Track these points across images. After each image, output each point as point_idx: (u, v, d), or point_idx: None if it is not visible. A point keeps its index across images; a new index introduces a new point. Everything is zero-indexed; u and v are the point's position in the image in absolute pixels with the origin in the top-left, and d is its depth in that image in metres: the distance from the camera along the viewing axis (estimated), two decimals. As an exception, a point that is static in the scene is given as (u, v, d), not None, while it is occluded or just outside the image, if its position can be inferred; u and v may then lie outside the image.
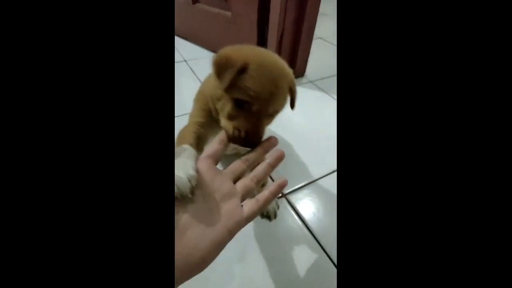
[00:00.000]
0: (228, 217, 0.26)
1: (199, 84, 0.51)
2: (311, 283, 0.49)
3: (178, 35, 1.42)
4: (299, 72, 1.13)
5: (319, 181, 0.69)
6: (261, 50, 0.38)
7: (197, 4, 1.21)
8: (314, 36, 1.05)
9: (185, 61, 1.20)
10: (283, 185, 0.31)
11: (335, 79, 1.13)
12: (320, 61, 1.20)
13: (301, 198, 0.64)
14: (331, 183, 0.68)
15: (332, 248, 0.54)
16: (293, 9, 0.94)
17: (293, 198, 0.64)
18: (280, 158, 0.32)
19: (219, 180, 0.28)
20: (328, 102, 1.01)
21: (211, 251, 0.24)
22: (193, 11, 1.23)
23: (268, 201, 0.30)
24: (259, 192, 0.32)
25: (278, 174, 0.69)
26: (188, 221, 0.24)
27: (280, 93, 0.34)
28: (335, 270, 0.51)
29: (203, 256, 0.24)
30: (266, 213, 0.59)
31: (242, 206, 0.29)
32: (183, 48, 1.31)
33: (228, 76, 0.32)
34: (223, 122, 0.36)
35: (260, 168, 0.32)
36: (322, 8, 0.99)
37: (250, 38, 1.07)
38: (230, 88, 0.33)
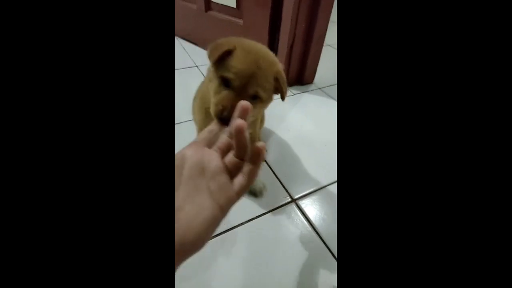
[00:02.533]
0: (219, 194, 0.26)
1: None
2: (320, 286, 0.51)
3: (190, 41, 1.46)
4: (308, 79, 1.15)
5: (328, 187, 0.70)
6: (252, 41, 0.45)
7: (210, 12, 1.24)
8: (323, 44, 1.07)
9: (197, 66, 1.24)
10: (259, 151, 0.29)
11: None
12: (329, 68, 1.22)
13: (310, 204, 0.66)
14: (339, 190, 0.70)
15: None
16: (304, 19, 0.96)
17: (302, 203, 0.66)
18: (245, 110, 0.29)
19: (207, 158, 0.28)
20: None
21: (205, 230, 0.25)
22: (206, 18, 1.27)
23: (253, 172, 0.29)
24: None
25: (288, 179, 0.71)
26: (180, 202, 0.25)
27: (261, 74, 0.40)
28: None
29: (198, 236, 0.24)
30: (253, 190, 0.65)
31: (232, 181, 0.28)
32: (195, 54, 1.34)
33: (216, 53, 0.41)
34: (211, 102, 0.43)
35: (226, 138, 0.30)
36: (332, 15, 1.00)
37: (261, 45, 1.10)
38: (218, 66, 0.41)
